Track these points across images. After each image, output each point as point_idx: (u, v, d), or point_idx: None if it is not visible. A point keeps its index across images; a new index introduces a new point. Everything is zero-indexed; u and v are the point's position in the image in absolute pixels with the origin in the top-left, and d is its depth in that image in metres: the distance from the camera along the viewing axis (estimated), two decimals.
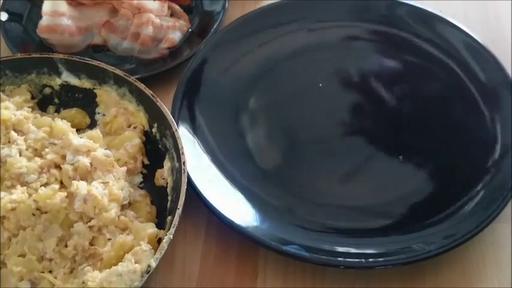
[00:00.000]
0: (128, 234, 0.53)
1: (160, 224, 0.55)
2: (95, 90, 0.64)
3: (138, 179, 0.60)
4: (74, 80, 0.64)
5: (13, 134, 0.57)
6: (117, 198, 0.54)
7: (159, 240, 0.52)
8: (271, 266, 0.56)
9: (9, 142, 0.57)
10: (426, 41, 0.70)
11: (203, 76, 0.67)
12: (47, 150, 0.57)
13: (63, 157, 0.56)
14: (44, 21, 0.71)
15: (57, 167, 0.56)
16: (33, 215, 0.53)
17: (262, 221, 0.57)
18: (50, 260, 0.53)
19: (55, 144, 0.57)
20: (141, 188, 0.60)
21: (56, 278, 0.52)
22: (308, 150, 0.64)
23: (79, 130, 0.62)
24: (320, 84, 0.67)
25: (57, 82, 0.64)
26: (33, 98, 0.65)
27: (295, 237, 0.56)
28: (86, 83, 0.64)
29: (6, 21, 0.74)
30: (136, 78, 0.61)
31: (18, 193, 0.53)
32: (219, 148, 0.63)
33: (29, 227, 0.53)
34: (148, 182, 0.60)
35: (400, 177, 0.61)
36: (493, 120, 0.63)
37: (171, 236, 0.50)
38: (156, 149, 0.60)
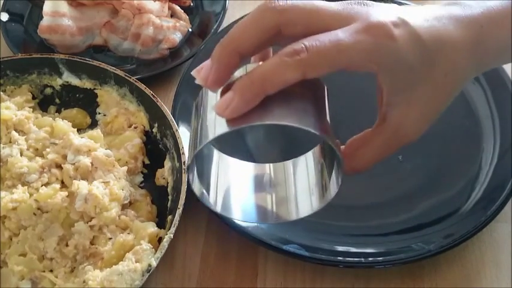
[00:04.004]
0: (128, 233, 0.53)
1: (161, 224, 0.55)
2: (96, 91, 0.64)
3: (139, 178, 0.61)
4: (74, 80, 0.64)
5: (14, 134, 0.57)
6: (117, 197, 0.55)
7: (160, 240, 0.53)
8: (271, 266, 0.56)
9: (10, 142, 0.57)
10: None
11: None
12: (48, 150, 0.57)
13: (64, 157, 0.56)
14: (45, 21, 0.71)
15: (58, 166, 0.56)
16: (34, 214, 0.53)
17: None
18: (51, 259, 0.53)
19: (56, 144, 0.57)
20: (142, 188, 0.60)
21: (56, 277, 0.52)
22: (308, 150, 0.64)
23: (80, 130, 0.62)
24: None
25: (58, 82, 0.65)
26: (34, 98, 0.65)
27: (295, 236, 0.56)
28: (86, 83, 0.64)
29: (7, 21, 0.74)
30: (137, 79, 0.62)
31: (19, 193, 0.53)
32: (219, 148, 0.63)
33: (30, 226, 0.53)
34: (148, 181, 0.61)
35: (400, 177, 0.61)
36: (492, 121, 0.63)
37: (172, 235, 0.51)
38: (157, 149, 0.61)
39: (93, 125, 0.65)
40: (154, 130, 0.61)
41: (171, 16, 0.75)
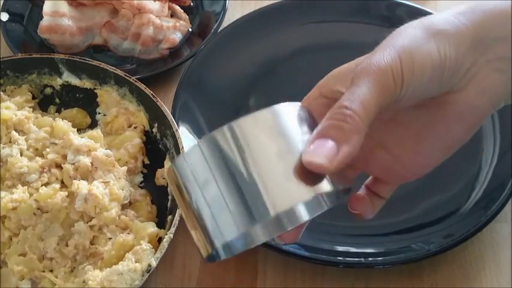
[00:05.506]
0: (128, 233, 0.53)
1: (161, 224, 0.55)
2: (96, 90, 0.64)
3: (139, 178, 0.61)
4: (74, 80, 0.64)
5: (14, 133, 0.57)
6: (117, 197, 0.55)
7: (160, 240, 0.53)
8: (271, 266, 0.56)
9: (10, 142, 0.57)
10: None
11: (203, 76, 0.67)
12: (47, 150, 0.57)
13: (64, 157, 0.56)
14: (45, 21, 0.71)
15: (58, 166, 0.56)
16: (34, 214, 0.53)
17: None
18: (51, 259, 0.53)
19: (56, 144, 0.57)
20: (142, 188, 0.60)
21: (56, 277, 0.52)
22: None
23: (80, 130, 0.62)
24: None
25: (58, 82, 0.65)
26: (34, 98, 0.65)
27: None
28: (86, 83, 0.64)
29: (7, 21, 0.74)
30: (137, 79, 0.62)
31: (19, 193, 0.53)
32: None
33: (30, 226, 0.53)
34: (148, 181, 0.61)
35: None
36: (492, 120, 0.63)
37: (172, 235, 0.51)
38: (157, 149, 0.61)
39: (93, 125, 0.65)
40: (154, 130, 0.61)
41: (171, 16, 0.75)
